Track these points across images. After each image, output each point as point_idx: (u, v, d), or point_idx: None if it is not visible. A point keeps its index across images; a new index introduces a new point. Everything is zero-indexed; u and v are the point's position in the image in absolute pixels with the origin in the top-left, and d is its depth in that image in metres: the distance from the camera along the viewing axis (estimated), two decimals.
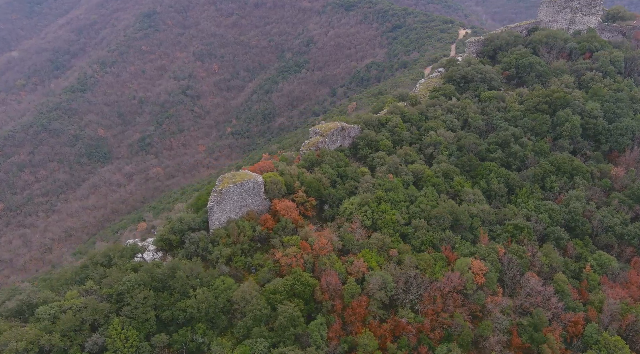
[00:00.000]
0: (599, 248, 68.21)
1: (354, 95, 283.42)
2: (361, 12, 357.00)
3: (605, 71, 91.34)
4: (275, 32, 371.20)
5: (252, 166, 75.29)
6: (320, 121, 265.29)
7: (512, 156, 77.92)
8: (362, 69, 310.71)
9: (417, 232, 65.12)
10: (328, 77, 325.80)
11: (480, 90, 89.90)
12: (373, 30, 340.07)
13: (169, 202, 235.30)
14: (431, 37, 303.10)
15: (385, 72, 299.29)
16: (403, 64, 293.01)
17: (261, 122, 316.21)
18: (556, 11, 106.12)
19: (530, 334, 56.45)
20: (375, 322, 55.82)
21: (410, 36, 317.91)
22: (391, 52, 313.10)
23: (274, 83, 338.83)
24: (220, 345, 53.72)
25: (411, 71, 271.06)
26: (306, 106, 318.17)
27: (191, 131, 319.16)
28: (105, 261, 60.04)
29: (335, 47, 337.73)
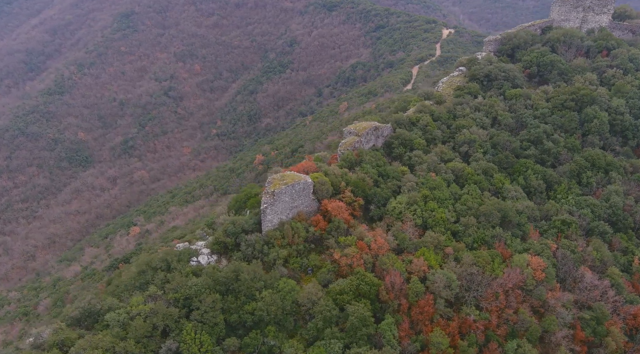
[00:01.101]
0: None
1: (342, 95, 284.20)
2: (344, 12, 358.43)
3: (625, 69, 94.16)
4: (257, 33, 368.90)
5: (294, 166, 74.36)
6: (311, 121, 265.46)
7: (545, 152, 79.45)
8: (348, 69, 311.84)
9: (468, 230, 65.61)
10: (313, 77, 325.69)
11: (505, 88, 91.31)
12: (356, 30, 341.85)
13: (159, 205, 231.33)
14: (415, 37, 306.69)
15: (371, 72, 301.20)
16: (389, 64, 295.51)
17: (247, 123, 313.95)
18: (568, 10, 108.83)
19: (593, 328, 57.55)
20: (443, 320, 55.89)
21: (394, 36, 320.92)
22: (376, 52, 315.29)
23: (259, 83, 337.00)
24: (292, 347, 52.95)
25: (399, 71, 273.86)
26: (292, 107, 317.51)
27: (175, 132, 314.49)
28: (164, 266, 58.48)
29: (320, 47, 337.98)
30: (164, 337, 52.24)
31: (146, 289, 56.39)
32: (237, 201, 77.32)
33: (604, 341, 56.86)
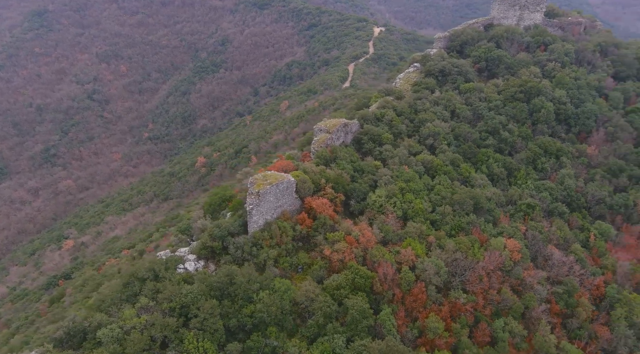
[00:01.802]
0: (595, 219, 77.14)
1: (280, 94, 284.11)
2: (275, 11, 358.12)
3: (562, 62, 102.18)
4: (186, 31, 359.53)
5: (271, 166, 73.96)
6: (251, 121, 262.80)
7: (502, 142, 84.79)
8: (283, 68, 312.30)
9: (445, 218, 68.85)
10: (248, 76, 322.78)
11: (459, 82, 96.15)
12: (289, 29, 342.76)
13: (92, 216, 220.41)
14: (349, 35, 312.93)
15: (308, 70, 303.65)
16: (325, 62, 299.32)
17: (181, 125, 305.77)
18: (507, 8, 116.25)
19: (565, 301, 62.55)
20: (435, 306, 58.43)
21: (327, 34, 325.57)
22: (311, 51, 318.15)
23: (191, 84, 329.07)
24: (296, 346, 53.16)
25: (336, 69, 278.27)
26: (228, 107, 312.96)
27: (102, 138, 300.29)
28: (151, 276, 56.45)
29: (253, 46, 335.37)
30: (163, 349, 50.66)
31: (136, 301, 54.27)
32: (211, 204, 75.88)
33: (575, 312, 62.06)
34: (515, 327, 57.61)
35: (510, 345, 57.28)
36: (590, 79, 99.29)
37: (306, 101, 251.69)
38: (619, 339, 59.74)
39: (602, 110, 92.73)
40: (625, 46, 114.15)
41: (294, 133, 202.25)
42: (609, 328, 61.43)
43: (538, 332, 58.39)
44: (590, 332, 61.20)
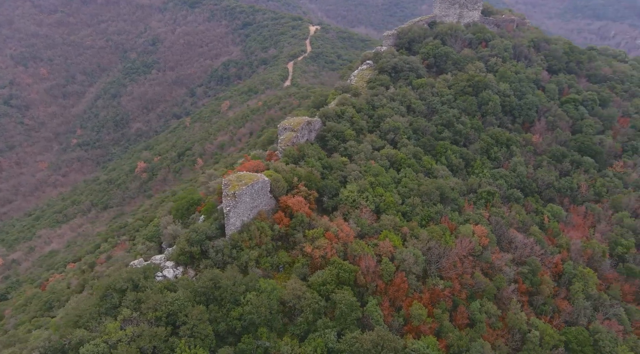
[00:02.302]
0: (546, 202, 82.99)
1: (219, 94, 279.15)
2: (207, 9, 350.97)
3: (503, 57, 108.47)
4: (112, 31, 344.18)
5: (241, 166, 73.12)
6: (191, 123, 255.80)
7: (457, 134, 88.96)
8: (220, 67, 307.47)
9: (415, 209, 71.45)
10: (183, 77, 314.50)
11: (411, 78, 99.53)
12: (223, 27, 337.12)
13: (20, 230, 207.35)
14: (285, 34, 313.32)
15: (245, 70, 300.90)
16: (263, 61, 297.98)
17: (113, 130, 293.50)
18: (447, 7, 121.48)
19: (530, 280, 67.04)
20: (416, 294, 60.70)
21: (263, 33, 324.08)
22: (247, 50, 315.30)
23: (121, 86, 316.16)
24: (288, 345, 53.40)
25: (275, 67, 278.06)
26: (164, 109, 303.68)
27: (24, 146, 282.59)
28: (130, 286, 54.46)
29: (186, 45, 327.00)
30: None
31: (117, 314, 52.23)
32: (179, 208, 74.08)
33: (539, 289, 66.68)
34: (491, 308, 61.04)
35: (487, 325, 60.60)
36: (529, 72, 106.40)
37: (248, 100, 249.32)
38: (579, 311, 64.96)
39: (541, 101, 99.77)
40: (554, 42, 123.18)
41: (240, 133, 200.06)
42: (569, 302, 66.59)
43: (510, 311, 62.21)
44: (553, 307, 66.05)
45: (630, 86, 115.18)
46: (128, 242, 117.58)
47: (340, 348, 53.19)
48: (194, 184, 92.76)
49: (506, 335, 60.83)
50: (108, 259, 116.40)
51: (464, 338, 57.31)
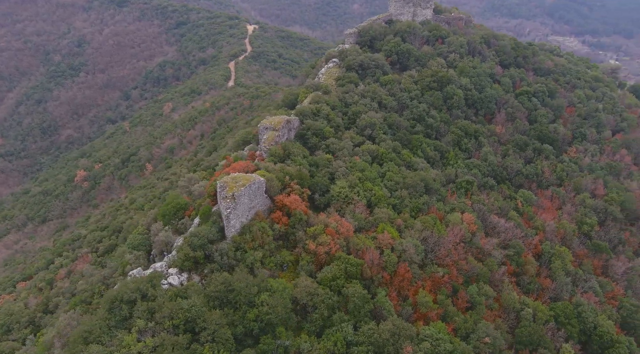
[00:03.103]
0: (516, 188, 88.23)
1: (158, 96, 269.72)
2: (137, 8, 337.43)
3: (460, 53, 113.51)
4: (31, 32, 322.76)
5: (229, 168, 71.67)
6: (131, 127, 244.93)
7: (429, 127, 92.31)
8: (155, 69, 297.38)
9: (404, 201, 73.65)
10: (115, 79, 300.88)
11: (378, 75, 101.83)
12: (155, 27, 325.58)
13: None
14: (222, 34, 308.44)
15: (183, 70, 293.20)
16: (202, 61, 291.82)
17: (40, 138, 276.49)
18: (402, 5, 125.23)
19: (516, 261, 71.25)
20: (420, 282, 62.84)
21: (199, 33, 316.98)
22: (183, 50, 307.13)
23: (46, 91, 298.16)
24: (307, 342, 53.67)
25: (216, 67, 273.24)
26: (96, 113, 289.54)
27: None
28: (139, 296, 52.43)
29: (116, 46, 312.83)
30: None
31: (130, 326, 50.23)
32: (165, 214, 71.67)
33: (524, 269, 71.08)
34: (488, 290, 64.30)
35: (485, 307, 63.81)
36: (485, 67, 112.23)
37: (191, 102, 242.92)
38: (561, 287, 69.95)
39: (499, 94, 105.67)
40: (502, 38, 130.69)
41: (190, 136, 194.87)
42: (551, 279, 71.49)
43: (504, 292, 65.84)
44: (538, 285, 70.59)
45: (571, 79, 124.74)
46: (91, 254, 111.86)
47: (358, 340, 54.03)
48: (174, 188, 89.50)
49: (502, 315, 64.28)
50: (69, 274, 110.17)
51: (469, 321, 60.02)
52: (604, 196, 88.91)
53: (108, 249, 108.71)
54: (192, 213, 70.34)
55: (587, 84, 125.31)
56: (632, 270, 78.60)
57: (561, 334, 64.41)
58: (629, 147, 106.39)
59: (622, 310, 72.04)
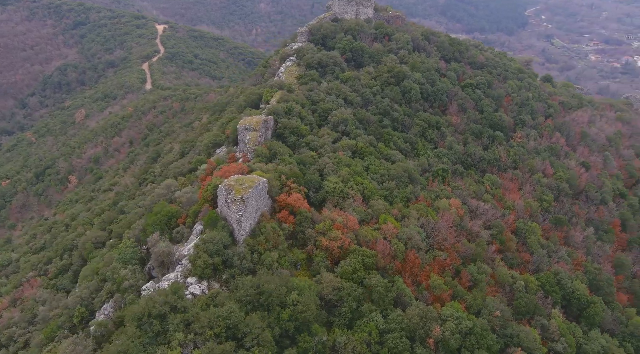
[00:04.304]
0: (482, 173, 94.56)
1: (65, 102, 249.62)
2: (24, 6, 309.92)
3: (407, 49, 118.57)
4: None
5: (219, 171, 69.55)
6: (38, 138, 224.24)
7: (395, 121, 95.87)
8: (55, 73, 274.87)
9: (393, 192, 76.31)
10: (6, 86, 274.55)
11: (337, 73, 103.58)
12: (50, 28, 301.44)
13: None
14: (130, 34, 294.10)
15: (89, 74, 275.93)
16: (109, 64, 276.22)
17: None
18: (345, 4, 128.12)
19: (500, 239, 76.87)
20: (427, 267, 65.87)
21: (103, 33, 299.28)
22: (86, 52, 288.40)
23: None
24: (343, 335, 54.41)
25: (128, 70, 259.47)
26: None
27: None
28: (167, 310, 49.98)
29: (4, 49, 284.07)
30: None
31: (166, 340, 47.89)
32: (156, 224, 68.15)
33: (507, 246, 76.91)
34: (486, 268, 68.85)
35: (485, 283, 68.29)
36: (431, 62, 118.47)
37: (107, 107, 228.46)
38: (540, 259, 76.71)
39: (448, 87, 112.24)
40: (438, 35, 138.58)
41: (116, 143, 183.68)
42: (529, 253, 78.05)
43: (497, 268, 70.85)
44: (519, 260, 76.74)
45: (501, 71, 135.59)
46: (40, 277, 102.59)
47: (390, 327, 55.63)
48: (151, 197, 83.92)
49: (499, 289, 69.14)
50: (14, 302, 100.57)
51: (478, 298, 63.90)
52: (553, 175, 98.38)
53: (61, 270, 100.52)
54: (187, 220, 67.63)
55: (514, 76, 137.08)
56: (588, 238, 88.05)
57: (548, 301, 70.66)
58: (560, 130, 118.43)
59: (588, 274, 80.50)
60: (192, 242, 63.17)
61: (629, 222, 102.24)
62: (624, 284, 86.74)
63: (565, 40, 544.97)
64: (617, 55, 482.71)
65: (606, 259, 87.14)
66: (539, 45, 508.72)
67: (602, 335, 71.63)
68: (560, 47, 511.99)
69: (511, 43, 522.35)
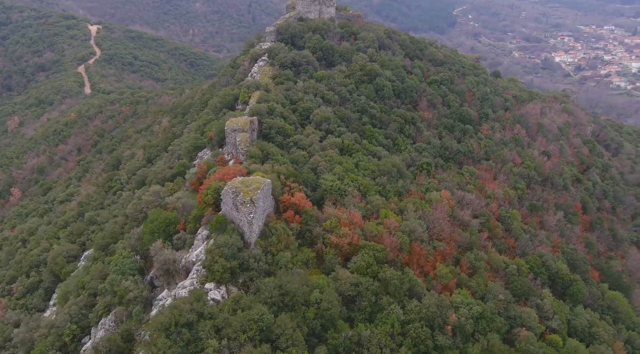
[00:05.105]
0: (459, 165, 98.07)
1: None
2: None
3: (375, 48, 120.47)
4: None
5: (215, 175, 67.86)
6: None
7: (373, 118, 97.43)
8: None
9: (386, 187, 77.78)
10: None
11: (311, 72, 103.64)
12: None
13: None
14: (60, 35, 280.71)
15: (17, 78, 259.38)
16: (39, 67, 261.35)
17: None
18: (309, 4, 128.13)
19: (488, 227, 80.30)
20: (431, 257, 67.84)
21: (28, 34, 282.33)
22: (11, 54, 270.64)
23: None
24: (367, 329, 55.08)
25: (64, 73, 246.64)
26: None
27: None
28: (195, 317, 48.64)
29: None
30: None
31: (200, 348, 46.68)
32: (154, 232, 65.73)
33: (494, 233, 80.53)
34: (481, 255, 71.81)
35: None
36: (398, 60, 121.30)
37: (43, 113, 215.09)
38: (524, 244, 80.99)
39: (417, 84, 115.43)
40: (399, 33, 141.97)
41: (61, 151, 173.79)
42: (514, 239, 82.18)
43: (491, 255, 74.07)
44: (506, 246, 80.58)
45: (459, 67, 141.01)
46: (6, 297, 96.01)
47: (410, 318, 56.93)
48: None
49: (495, 275, 72.35)
50: None
51: (480, 284, 66.59)
52: (521, 164, 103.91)
53: (29, 289, 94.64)
54: (188, 226, 65.69)
55: (471, 72, 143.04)
56: (560, 222, 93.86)
57: (537, 282, 74.76)
58: (520, 122, 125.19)
59: (565, 254, 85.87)
60: (198, 248, 61.70)
61: (588, 205, 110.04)
62: (592, 262, 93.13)
63: (491, 38, 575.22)
64: (537, 52, 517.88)
65: (577, 240, 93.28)
66: (468, 43, 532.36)
67: (585, 310, 76.53)
68: (487, 45, 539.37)
69: (443, 41, 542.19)
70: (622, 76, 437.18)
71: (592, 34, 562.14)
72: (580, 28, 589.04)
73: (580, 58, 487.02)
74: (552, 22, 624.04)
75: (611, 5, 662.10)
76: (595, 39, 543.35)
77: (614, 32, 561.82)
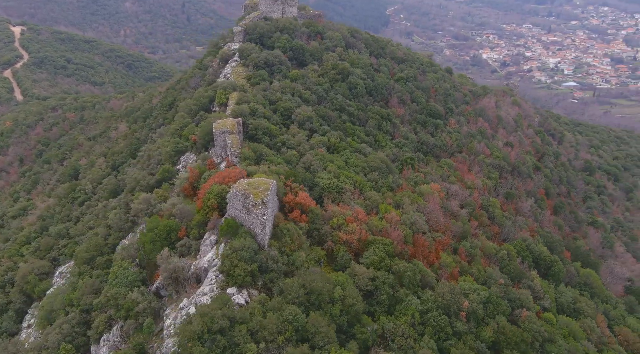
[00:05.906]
0: (437, 158, 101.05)
1: None
2: None
3: (342, 47, 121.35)
4: None
5: (214, 178, 66.24)
6: None
7: (351, 115, 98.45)
8: None
9: (378, 183, 79.05)
10: None
11: (285, 71, 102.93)
12: None
13: None
14: None
15: None
16: None
17: None
18: (271, 3, 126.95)
19: (475, 216, 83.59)
20: (434, 248, 69.86)
21: None
22: None
23: None
24: (390, 322, 56.01)
25: None
26: None
27: None
28: (227, 323, 47.65)
29: None
30: None
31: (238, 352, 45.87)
32: (156, 241, 63.44)
33: (481, 221, 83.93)
34: (477, 244, 74.69)
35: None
36: (364, 58, 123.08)
37: None
38: (508, 230, 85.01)
39: (386, 81, 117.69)
40: (360, 32, 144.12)
41: (1, 162, 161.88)
42: (497, 226, 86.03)
43: (483, 242, 77.20)
44: (491, 233, 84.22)
45: (419, 65, 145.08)
46: None
47: (427, 308, 58.42)
48: None
49: (488, 260, 75.48)
50: None
51: (480, 270, 69.36)
52: (491, 155, 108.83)
53: (3, 308, 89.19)
54: (192, 232, 63.74)
55: (429, 69, 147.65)
56: (532, 207, 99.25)
57: (525, 265, 78.75)
58: (481, 115, 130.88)
59: (542, 237, 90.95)
60: (207, 253, 60.19)
61: (550, 191, 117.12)
62: (563, 243, 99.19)
63: (423, 37, 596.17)
64: (466, 49, 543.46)
65: (548, 224, 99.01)
66: (402, 42, 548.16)
67: (567, 288, 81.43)
68: (420, 44, 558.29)
69: None
70: (542, 71, 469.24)
71: (513, 32, 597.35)
72: (503, 27, 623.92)
73: (505, 54, 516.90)
74: (477, 21, 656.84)
75: (527, 5, 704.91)
76: (517, 37, 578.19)
77: (532, 30, 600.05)
